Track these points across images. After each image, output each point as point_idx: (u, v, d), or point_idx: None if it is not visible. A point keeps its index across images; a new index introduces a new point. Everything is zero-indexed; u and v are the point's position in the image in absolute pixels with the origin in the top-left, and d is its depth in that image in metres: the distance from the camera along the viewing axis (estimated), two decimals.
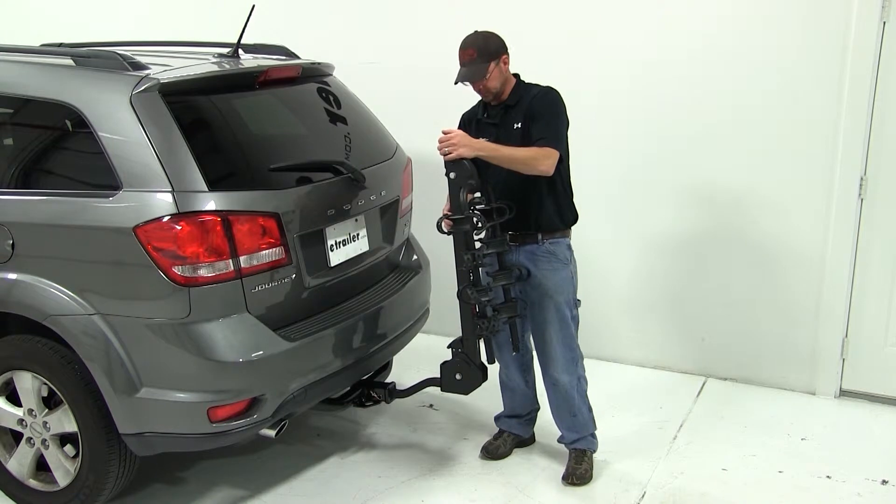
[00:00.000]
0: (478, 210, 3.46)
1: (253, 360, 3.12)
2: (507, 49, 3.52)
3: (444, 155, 3.38)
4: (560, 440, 3.82)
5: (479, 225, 3.44)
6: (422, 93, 4.98)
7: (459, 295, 3.43)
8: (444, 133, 3.40)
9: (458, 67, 3.50)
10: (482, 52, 3.46)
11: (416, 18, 5.01)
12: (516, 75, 3.59)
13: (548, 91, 3.52)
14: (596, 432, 3.79)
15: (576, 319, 3.66)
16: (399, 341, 3.85)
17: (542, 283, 3.57)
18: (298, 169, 3.41)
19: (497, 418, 4.00)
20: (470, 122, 3.68)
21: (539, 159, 3.36)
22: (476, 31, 3.54)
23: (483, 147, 3.39)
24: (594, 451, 3.79)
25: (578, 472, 3.71)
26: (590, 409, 3.76)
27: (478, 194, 3.48)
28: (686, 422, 4.24)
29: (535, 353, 3.80)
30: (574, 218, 3.65)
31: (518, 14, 4.74)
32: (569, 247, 3.63)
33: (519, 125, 3.50)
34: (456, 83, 3.50)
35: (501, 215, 3.51)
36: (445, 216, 3.43)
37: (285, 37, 4.23)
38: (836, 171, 4.25)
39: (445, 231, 3.43)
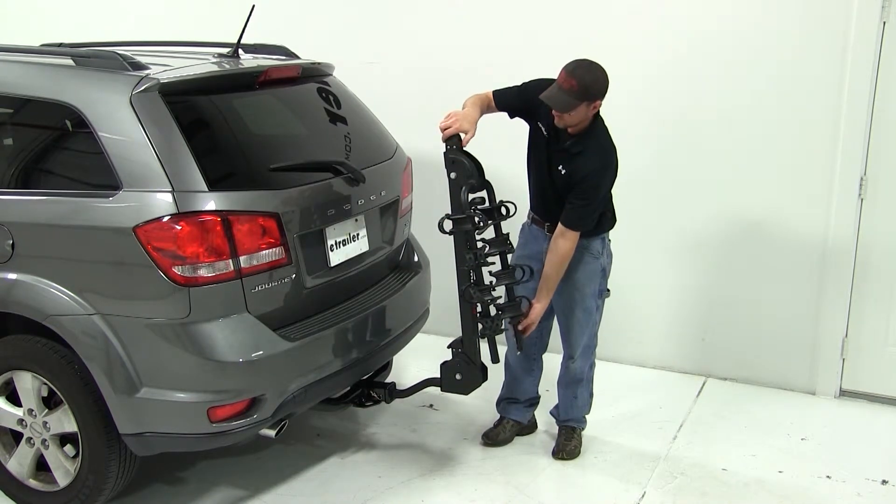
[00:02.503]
0: (479, 209, 3.46)
1: (253, 360, 3.12)
2: (605, 95, 3.38)
3: (444, 130, 3.42)
4: (552, 413, 3.98)
5: (481, 224, 3.44)
6: (422, 93, 4.98)
7: (462, 294, 3.44)
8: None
9: (554, 83, 3.35)
10: (583, 90, 3.30)
11: (416, 18, 5.01)
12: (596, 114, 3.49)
13: (599, 171, 3.46)
14: (588, 415, 3.97)
15: (600, 309, 3.80)
16: (399, 341, 3.84)
17: (571, 275, 3.65)
18: (298, 169, 3.41)
19: (498, 402, 4.05)
20: (539, 109, 3.51)
21: (566, 261, 3.52)
22: (590, 63, 3.35)
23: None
24: (583, 429, 3.97)
25: (568, 448, 3.88)
26: (591, 395, 3.95)
27: (480, 194, 3.48)
28: (686, 422, 4.24)
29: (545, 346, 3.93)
30: (611, 224, 3.74)
31: (518, 14, 4.74)
32: (602, 240, 3.70)
33: (564, 172, 3.50)
34: (541, 98, 3.38)
35: (503, 215, 3.51)
36: (447, 216, 3.43)
37: (285, 37, 4.22)
38: (836, 172, 4.25)
39: (447, 231, 3.43)
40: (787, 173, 4.35)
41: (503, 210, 3.52)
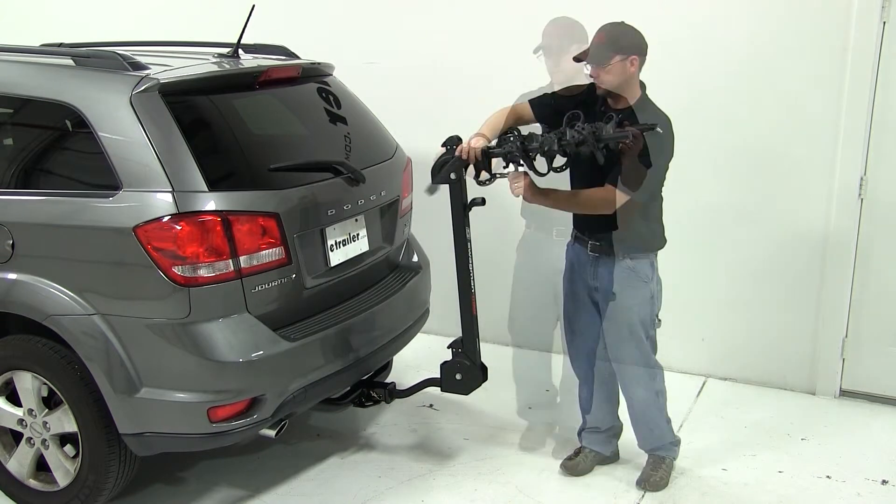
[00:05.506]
0: (493, 151, 3.33)
1: (253, 360, 3.12)
2: (642, 52, 3.30)
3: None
4: (640, 446, 3.73)
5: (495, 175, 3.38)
6: (422, 93, 4.98)
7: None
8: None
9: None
10: (611, 40, 3.26)
11: (416, 18, 5.01)
12: (643, 86, 3.40)
13: (664, 127, 3.28)
14: (675, 441, 3.71)
15: (652, 339, 3.59)
16: (399, 341, 3.84)
17: (619, 301, 3.46)
18: (298, 169, 3.41)
19: (579, 432, 3.83)
20: (564, 105, 3.39)
21: (588, 206, 3.32)
22: (621, 22, 3.33)
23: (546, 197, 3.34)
24: (674, 459, 3.71)
25: (653, 478, 3.63)
26: (668, 421, 3.68)
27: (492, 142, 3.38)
28: (686, 422, 4.24)
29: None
30: (661, 244, 3.53)
31: (518, 14, 4.73)
32: (652, 265, 3.50)
33: None
34: (577, 60, 3.35)
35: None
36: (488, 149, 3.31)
37: (285, 37, 4.22)
38: (836, 171, 4.25)
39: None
40: (788, 173, 4.35)
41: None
